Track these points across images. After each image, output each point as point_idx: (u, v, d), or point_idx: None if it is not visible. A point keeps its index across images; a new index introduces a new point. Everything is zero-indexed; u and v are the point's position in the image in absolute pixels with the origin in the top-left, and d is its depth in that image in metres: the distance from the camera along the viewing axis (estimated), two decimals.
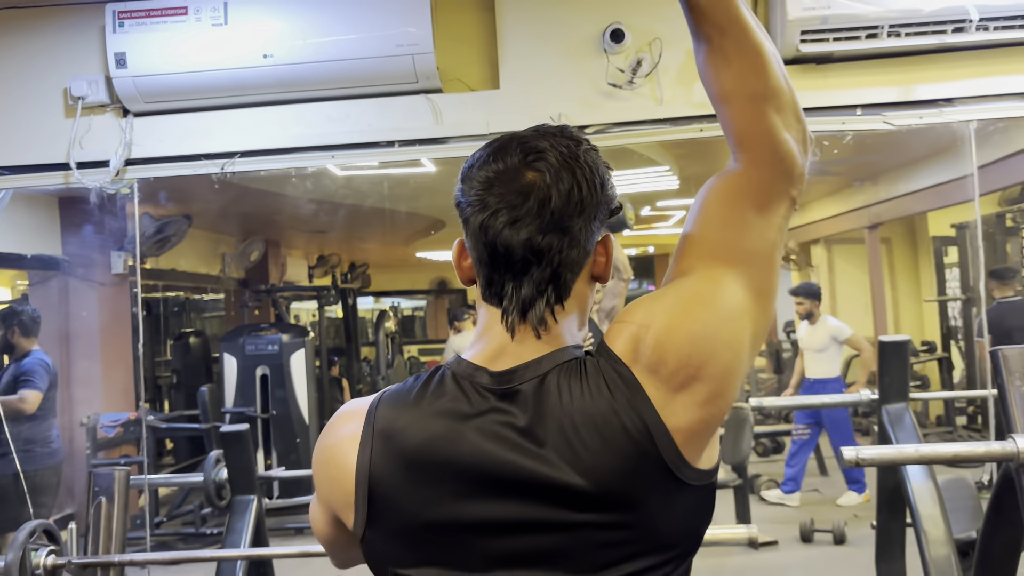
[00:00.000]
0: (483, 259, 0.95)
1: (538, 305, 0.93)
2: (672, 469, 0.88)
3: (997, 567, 2.43)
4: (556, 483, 0.87)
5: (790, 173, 0.96)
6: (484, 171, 0.94)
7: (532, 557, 0.89)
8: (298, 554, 2.29)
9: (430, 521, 0.91)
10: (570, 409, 0.89)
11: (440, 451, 0.90)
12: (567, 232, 0.92)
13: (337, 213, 7.44)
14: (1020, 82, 2.82)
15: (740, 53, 0.94)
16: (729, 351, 0.90)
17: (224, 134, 2.94)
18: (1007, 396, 2.19)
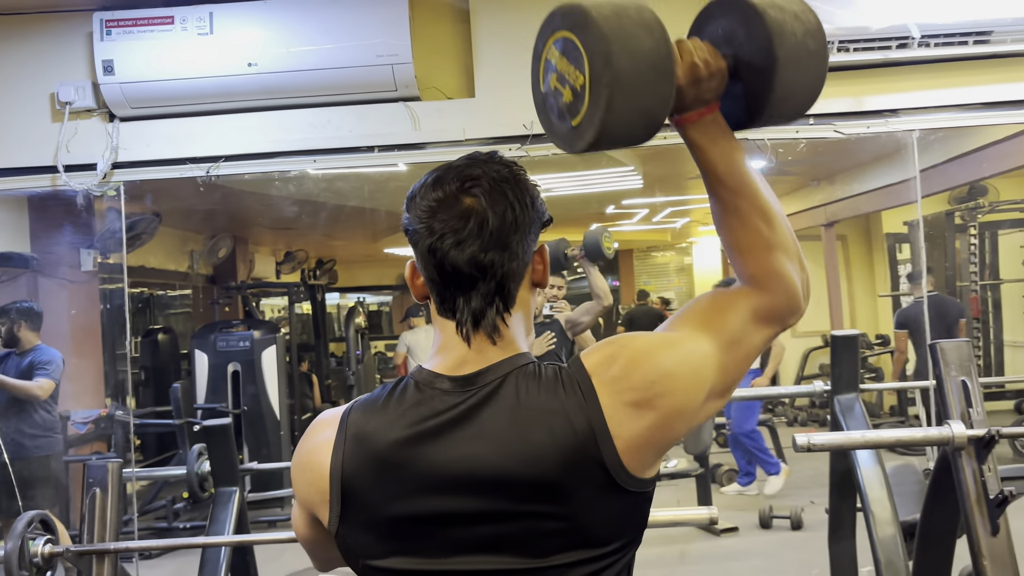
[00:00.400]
0: (434, 278, 1.05)
1: (488, 314, 1.04)
2: (610, 471, 0.98)
3: (936, 543, 2.64)
4: (507, 476, 0.98)
5: (794, 309, 1.11)
6: (426, 200, 1.04)
7: (486, 544, 1.00)
8: (286, 539, 2.42)
9: (396, 515, 1.01)
10: (525, 407, 0.99)
11: (405, 451, 1.01)
12: (506, 248, 1.03)
13: (306, 210, 7.50)
14: (958, 95, 3.03)
15: (751, 210, 1.09)
16: (685, 397, 1.02)
17: (209, 139, 3.04)
18: (944, 385, 2.39)
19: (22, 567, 2.30)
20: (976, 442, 2.29)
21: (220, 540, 2.89)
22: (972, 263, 7.53)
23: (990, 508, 2.29)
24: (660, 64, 1.00)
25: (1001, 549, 2.30)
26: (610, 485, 0.99)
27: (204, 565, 3.09)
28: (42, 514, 2.43)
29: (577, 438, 0.98)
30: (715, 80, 1.08)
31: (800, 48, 1.05)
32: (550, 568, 1.00)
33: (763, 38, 1.04)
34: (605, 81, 0.98)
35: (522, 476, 0.98)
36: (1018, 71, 3.02)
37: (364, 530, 1.03)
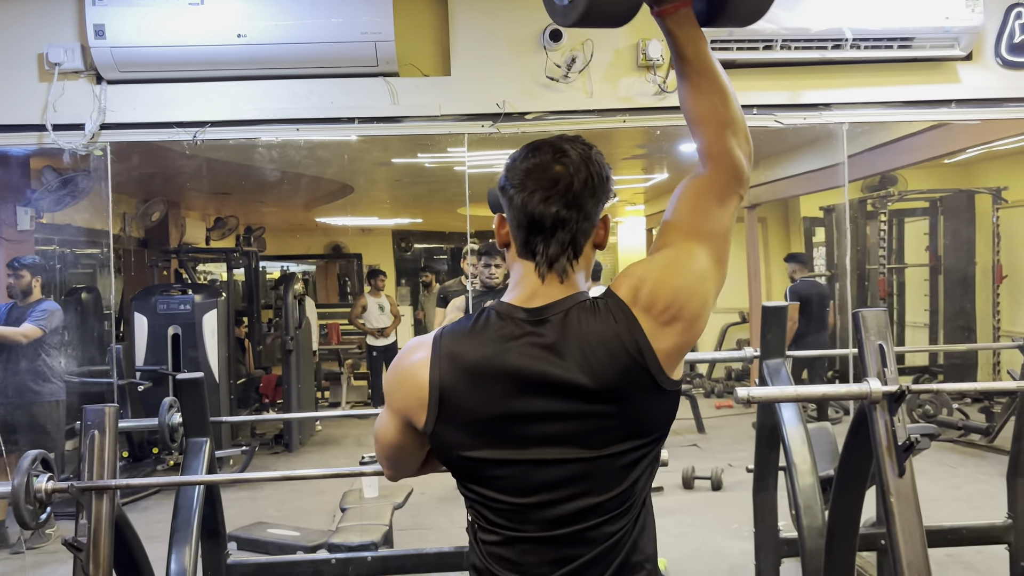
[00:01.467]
0: (522, 224, 1.30)
1: (561, 259, 1.29)
2: (655, 377, 1.26)
3: (851, 486, 3.00)
4: (573, 384, 1.24)
5: (740, 178, 1.39)
6: (525, 163, 1.30)
7: (557, 438, 1.26)
8: (273, 478, 2.61)
9: (486, 416, 1.27)
10: (586, 332, 1.25)
11: (491, 365, 1.26)
12: (582, 208, 1.29)
13: (242, 175, 7.50)
14: (883, 93, 3.39)
15: (711, 89, 1.36)
16: (699, 299, 1.30)
17: (195, 104, 3.16)
18: (864, 348, 2.74)
19: (28, 501, 2.45)
20: (889, 396, 2.65)
21: (200, 479, 3.07)
22: (881, 247, 8.08)
23: (898, 453, 2.65)
24: None
25: (906, 489, 2.67)
26: (655, 388, 1.26)
27: (178, 511, 3.25)
28: (43, 453, 2.57)
29: (629, 355, 1.25)
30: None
31: None
32: (607, 456, 1.27)
33: None
34: None
35: (584, 383, 1.25)
36: (935, 74, 3.40)
37: (458, 428, 1.28)
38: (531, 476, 1.28)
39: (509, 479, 1.28)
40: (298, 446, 7.80)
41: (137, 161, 6.47)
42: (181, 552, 3.23)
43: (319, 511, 5.64)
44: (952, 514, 5.09)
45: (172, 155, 6.26)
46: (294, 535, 4.99)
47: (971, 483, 5.85)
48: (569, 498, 1.27)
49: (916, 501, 2.67)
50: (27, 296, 5.19)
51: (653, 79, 3.29)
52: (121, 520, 2.69)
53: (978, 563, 4.28)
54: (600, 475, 1.28)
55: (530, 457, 1.27)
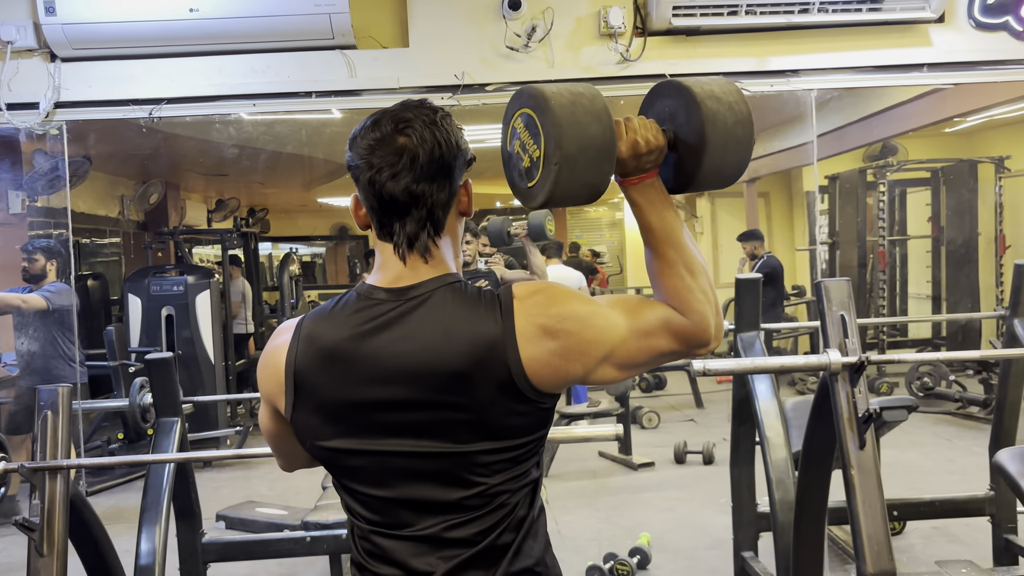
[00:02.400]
0: (374, 206, 1.21)
1: (421, 237, 1.21)
2: (512, 373, 1.16)
3: (818, 460, 2.96)
4: (428, 370, 1.16)
5: (702, 340, 1.23)
6: (366, 139, 1.19)
7: (412, 428, 1.18)
8: (231, 456, 2.60)
9: (338, 401, 1.19)
10: (449, 315, 1.18)
11: (347, 348, 1.19)
12: (435, 180, 1.19)
13: (239, 156, 7.50)
14: (853, 58, 3.30)
15: (678, 260, 1.24)
16: (584, 343, 1.19)
17: (151, 81, 3.13)
18: (825, 319, 2.69)
19: None
20: (850, 367, 2.60)
21: (166, 457, 3.06)
22: (881, 219, 7.97)
23: (859, 425, 2.61)
24: (604, 148, 1.20)
25: (867, 460, 2.63)
26: (510, 386, 1.17)
27: (148, 490, 3.26)
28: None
29: (488, 341, 1.16)
30: (653, 155, 1.25)
31: (728, 135, 1.25)
32: (464, 453, 1.20)
33: (698, 124, 1.24)
34: (555, 160, 1.18)
35: (440, 370, 1.17)
36: (905, 37, 3.31)
37: (312, 414, 1.22)
38: (388, 467, 1.22)
39: (367, 470, 1.22)
40: None
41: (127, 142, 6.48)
42: (151, 532, 3.23)
43: (311, 490, 5.64)
44: (944, 487, 5.03)
45: (167, 137, 6.28)
46: (282, 514, 5.01)
47: (966, 456, 5.78)
48: (427, 492, 1.21)
49: (877, 473, 2.62)
50: (41, 280, 5.17)
51: (615, 47, 3.23)
52: (77, 500, 2.68)
53: (964, 535, 4.24)
54: (455, 472, 1.21)
55: (384, 448, 1.21)
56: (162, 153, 7.53)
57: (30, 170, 5.61)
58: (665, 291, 1.25)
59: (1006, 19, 3.26)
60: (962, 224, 8.33)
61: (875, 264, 8.20)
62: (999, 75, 3.29)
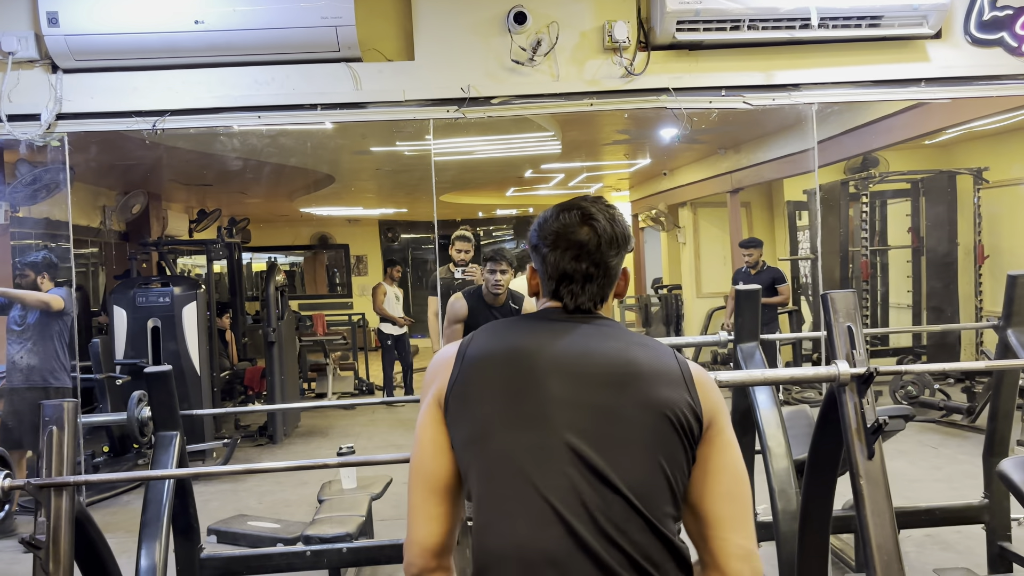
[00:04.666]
0: (553, 278, 1.43)
1: (587, 305, 1.42)
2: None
3: (823, 470, 2.98)
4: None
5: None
6: (555, 224, 1.43)
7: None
8: (233, 471, 2.58)
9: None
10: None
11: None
12: (608, 265, 1.43)
13: (221, 166, 7.45)
14: (852, 72, 3.35)
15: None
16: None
17: (154, 93, 3.11)
18: (832, 330, 2.72)
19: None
20: (858, 378, 2.63)
21: (169, 473, 3.03)
22: (863, 229, 8.06)
23: (867, 435, 2.63)
24: None
25: (875, 471, 2.66)
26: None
27: (147, 505, 3.21)
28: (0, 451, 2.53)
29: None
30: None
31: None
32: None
33: None
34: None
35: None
36: (903, 53, 3.36)
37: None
38: None
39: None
40: (282, 438, 7.76)
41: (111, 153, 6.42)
42: (151, 547, 3.19)
43: (301, 503, 5.61)
44: (932, 495, 5.10)
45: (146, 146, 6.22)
46: (274, 527, 4.96)
47: (952, 463, 5.86)
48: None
49: (886, 483, 2.65)
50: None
51: (620, 61, 3.25)
52: (82, 517, 2.64)
53: (956, 543, 4.28)
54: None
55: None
56: (145, 163, 7.46)
57: (12, 180, 5.58)
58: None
59: (1001, 35, 3.33)
60: (941, 235, 8.45)
61: (857, 274, 8.29)
62: (994, 90, 3.35)
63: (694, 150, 8.63)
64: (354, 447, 4.70)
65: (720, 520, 1.31)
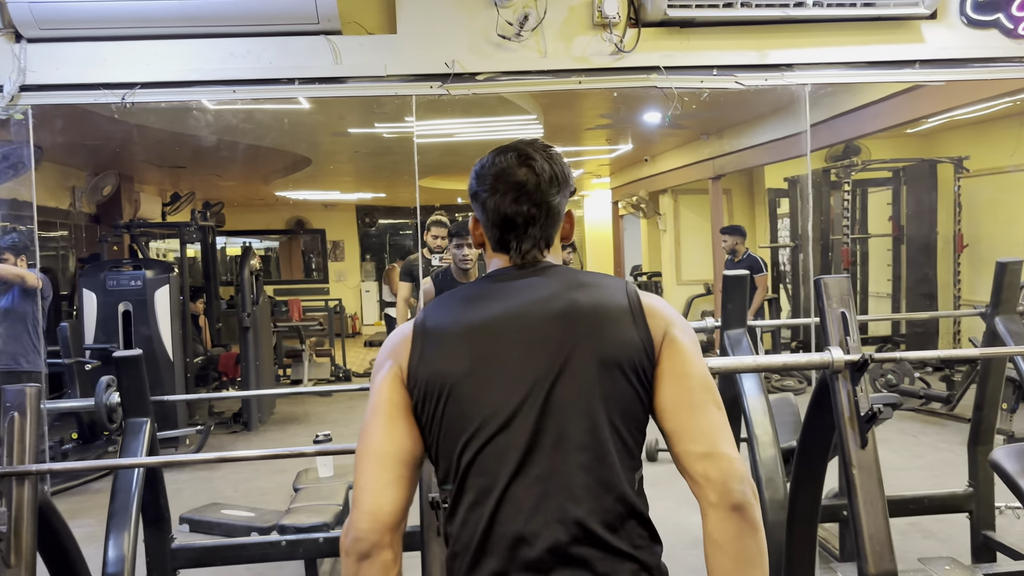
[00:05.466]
0: (496, 224, 1.40)
1: (533, 251, 1.40)
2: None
3: (814, 456, 2.93)
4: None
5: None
6: (493, 168, 1.40)
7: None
8: (205, 460, 2.48)
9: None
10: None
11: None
12: (549, 205, 1.40)
13: (196, 147, 7.29)
14: (847, 53, 3.28)
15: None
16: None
17: (124, 65, 2.97)
18: (825, 316, 2.65)
19: None
20: (852, 366, 2.57)
21: (136, 461, 2.92)
22: (845, 217, 8.05)
23: (860, 424, 2.58)
24: None
25: (868, 460, 2.60)
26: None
27: (116, 494, 3.10)
28: None
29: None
30: None
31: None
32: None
33: None
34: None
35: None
36: (898, 33, 3.29)
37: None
38: None
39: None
40: (257, 424, 7.64)
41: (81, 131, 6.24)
42: (119, 538, 3.08)
43: (277, 491, 5.50)
44: (914, 483, 5.09)
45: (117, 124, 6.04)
46: (248, 516, 4.85)
47: (933, 451, 5.86)
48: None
49: (878, 472, 2.60)
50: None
51: (609, 38, 3.15)
52: (46, 506, 2.53)
53: (938, 531, 4.27)
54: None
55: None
56: (116, 143, 7.28)
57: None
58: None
59: (997, 16, 3.27)
60: (921, 223, 8.46)
61: (838, 262, 8.28)
62: (989, 72, 3.29)
63: (677, 136, 8.56)
64: (331, 435, 4.60)
65: (681, 433, 1.29)
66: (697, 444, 1.26)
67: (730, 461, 1.25)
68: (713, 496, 1.22)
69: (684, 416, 1.29)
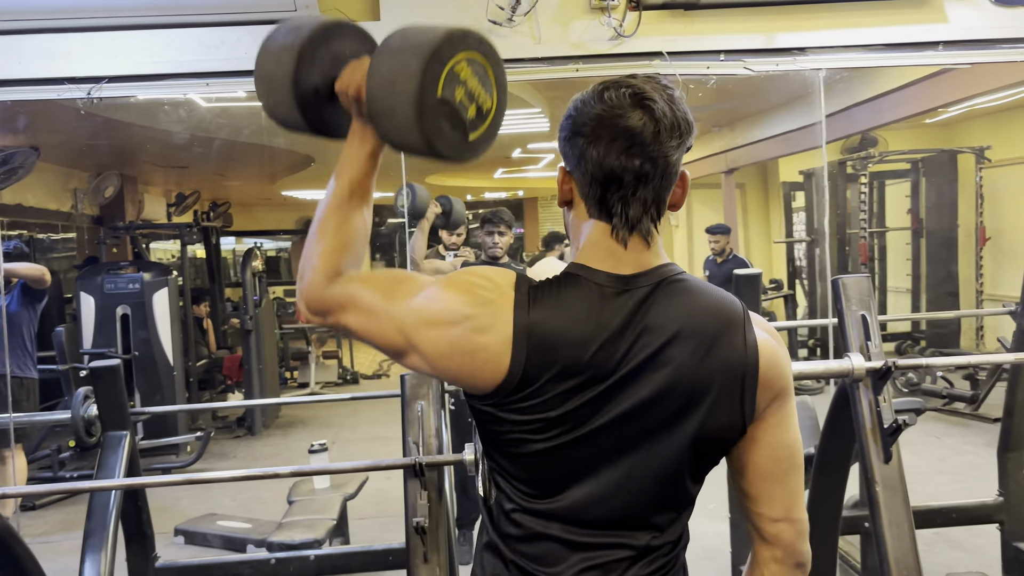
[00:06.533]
0: (597, 180, 1.10)
1: (644, 221, 1.11)
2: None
3: (833, 469, 2.73)
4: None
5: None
6: (598, 107, 1.08)
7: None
8: (180, 482, 2.31)
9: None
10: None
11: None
12: (668, 161, 1.09)
13: (199, 147, 7.15)
14: (863, 35, 3.06)
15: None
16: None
17: (90, 58, 2.79)
18: (844, 320, 2.45)
19: None
20: (873, 373, 2.36)
21: (109, 484, 2.75)
22: (862, 211, 7.81)
23: (884, 437, 2.37)
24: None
25: (893, 476, 2.40)
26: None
27: (92, 513, 2.94)
28: None
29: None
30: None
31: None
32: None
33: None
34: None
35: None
36: (920, 13, 3.07)
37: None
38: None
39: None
40: (261, 429, 7.50)
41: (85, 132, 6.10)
42: (95, 559, 2.91)
43: (276, 500, 5.34)
44: (938, 488, 4.88)
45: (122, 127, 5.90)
46: (245, 527, 4.70)
47: (956, 454, 5.63)
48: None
49: (904, 489, 2.39)
50: (8, 284, 5.07)
51: (608, 22, 2.95)
52: (5, 532, 2.38)
53: (966, 542, 4.06)
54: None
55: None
56: (116, 143, 7.14)
57: None
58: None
59: None
60: (942, 216, 8.21)
61: (856, 257, 8.04)
62: (1020, 54, 3.06)
63: None
64: (326, 443, 4.43)
65: (759, 498, 1.21)
66: (775, 510, 1.20)
67: (803, 524, 1.22)
68: (780, 554, 1.21)
69: (767, 484, 1.20)
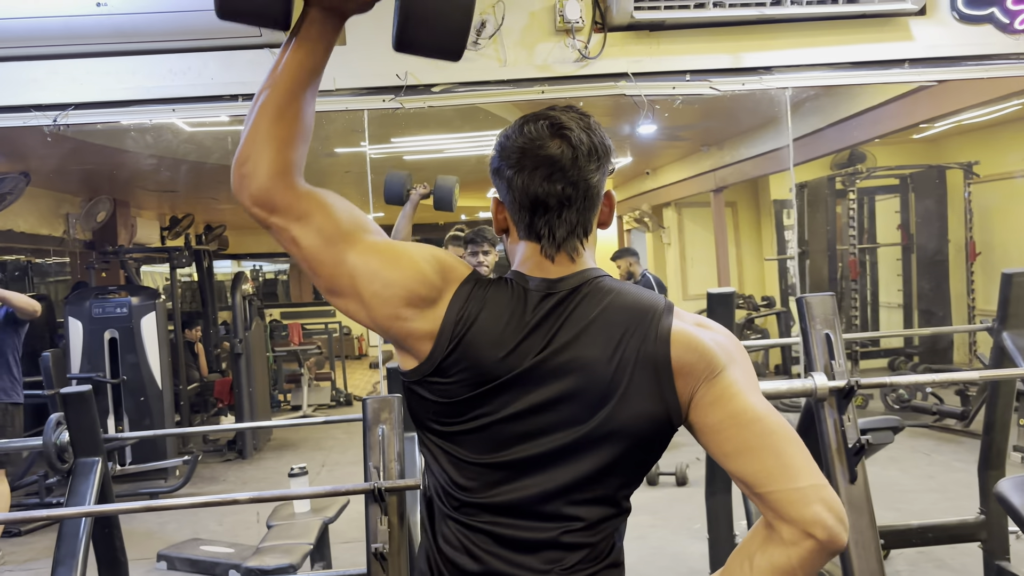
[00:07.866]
0: (524, 207, 1.16)
1: (571, 240, 1.17)
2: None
3: None
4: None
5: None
6: (520, 140, 1.15)
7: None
8: (142, 508, 2.28)
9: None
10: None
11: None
12: (588, 184, 1.15)
13: (190, 171, 7.16)
14: (829, 53, 3.07)
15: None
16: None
17: (56, 85, 2.81)
18: (808, 338, 2.44)
19: None
20: (837, 393, 2.35)
21: (77, 511, 2.73)
22: (851, 227, 7.81)
23: (849, 456, 2.35)
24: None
25: (858, 496, 2.38)
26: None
27: (61, 541, 2.92)
28: None
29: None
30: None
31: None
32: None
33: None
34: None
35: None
36: (885, 31, 3.08)
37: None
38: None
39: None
40: (252, 452, 7.47)
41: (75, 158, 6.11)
42: None
43: (263, 524, 5.31)
44: (926, 506, 4.83)
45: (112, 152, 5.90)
46: (228, 552, 4.67)
47: (946, 471, 5.59)
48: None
49: (870, 510, 2.37)
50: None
51: (573, 44, 2.96)
52: None
53: (951, 559, 4.02)
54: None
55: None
56: (107, 168, 7.16)
57: None
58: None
59: (991, 11, 3.05)
60: (931, 232, 8.21)
61: (846, 273, 8.03)
62: (984, 71, 3.07)
63: (676, 148, 8.35)
64: (306, 467, 4.40)
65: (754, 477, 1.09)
66: (774, 483, 1.08)
67: (814, 490, 1.08)
68: (797, 533, 1.08)
69: (744, 462, 1.11)
